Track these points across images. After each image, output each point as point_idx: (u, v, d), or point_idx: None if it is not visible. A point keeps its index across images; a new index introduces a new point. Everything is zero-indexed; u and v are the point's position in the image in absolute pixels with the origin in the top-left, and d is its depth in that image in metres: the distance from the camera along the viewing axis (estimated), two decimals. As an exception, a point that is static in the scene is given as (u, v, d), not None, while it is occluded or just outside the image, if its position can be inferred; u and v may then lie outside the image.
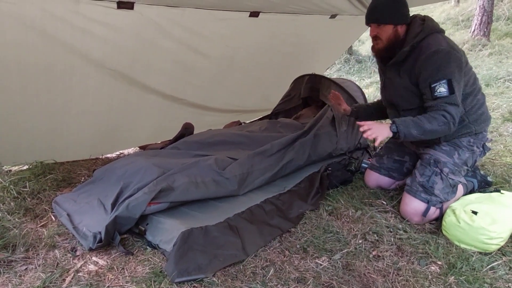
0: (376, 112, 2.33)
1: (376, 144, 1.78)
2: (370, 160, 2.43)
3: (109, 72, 2.28)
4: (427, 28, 1.82)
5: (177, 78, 2.74)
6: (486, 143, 2.01)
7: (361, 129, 1.79)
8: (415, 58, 1.83)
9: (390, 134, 1.79)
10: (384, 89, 2.11)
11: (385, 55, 1.96)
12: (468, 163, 1.96)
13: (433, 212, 1.88)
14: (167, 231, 1.72)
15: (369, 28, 1.95)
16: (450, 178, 1.90)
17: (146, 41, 2.29)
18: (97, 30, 2.00)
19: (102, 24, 1.99)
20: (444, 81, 1.71)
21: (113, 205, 1.81)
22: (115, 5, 1.93)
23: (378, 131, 1.76)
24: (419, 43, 1.82)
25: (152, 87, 2.63)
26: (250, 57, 3.07)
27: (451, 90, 1.70)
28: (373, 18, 1.89)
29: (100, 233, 1.67)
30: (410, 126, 1.77)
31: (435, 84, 1.73)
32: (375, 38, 1.90)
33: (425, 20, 1.87)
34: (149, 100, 2.68)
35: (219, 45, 2.73)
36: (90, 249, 1.64)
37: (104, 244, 1.65)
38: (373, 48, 1.99)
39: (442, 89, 1.71)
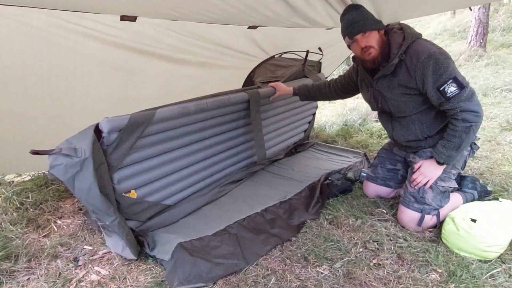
0: (316, 94, 2.47)
1: (427, 187, 1.91)
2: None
3: (111, 86, 2.31)
4: (409, 36, 1.80)
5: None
6: (475, 142, 2.00)
7: (416, 180, 1.93)
8: (408, 68, 1.79)
9: (441, 170, 1.90)
10: (374, 100, 2.06)
11: (380, 62, 1.88)
12: (457, 166, 1.96)
13: (429, 219, 1.90)
14: (164, 243, 1.74)
15: (353, 44, 1.85)
16: (439, 186, 1.90)
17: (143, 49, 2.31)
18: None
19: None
20: (450, 80, 1.71)
21: None
22: (118, 18, 1.97)
23: (430, 175, 1.90)
24: (405, 52, 1.79)
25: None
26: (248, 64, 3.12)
27: (460, 86, 1.71)
28: (356, 30, 1.81)
29: None
30: (447, 152, 1.83)
31: (443, 87, 1.72)
32: (366, 48, 1.83)
33: (402, 29, 1.84)
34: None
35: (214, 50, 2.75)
36: None
37: None
38: (365, 61, 1.90)
39: (452, 88, 1.71)
